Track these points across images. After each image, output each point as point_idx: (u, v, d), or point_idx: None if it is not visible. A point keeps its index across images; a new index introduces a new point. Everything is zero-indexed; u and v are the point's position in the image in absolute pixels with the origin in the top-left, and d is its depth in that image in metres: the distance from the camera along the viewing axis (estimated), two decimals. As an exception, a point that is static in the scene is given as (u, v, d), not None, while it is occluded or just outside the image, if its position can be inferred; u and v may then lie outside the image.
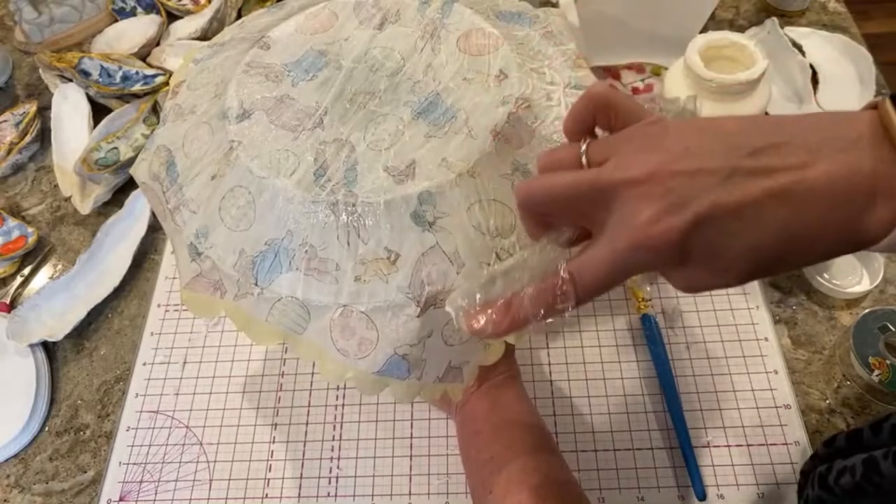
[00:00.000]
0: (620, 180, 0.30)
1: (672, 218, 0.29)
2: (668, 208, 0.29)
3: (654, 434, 0.60)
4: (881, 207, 0.28)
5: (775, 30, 0.83)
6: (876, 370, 0.57)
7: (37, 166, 0.86)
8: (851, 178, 0.28)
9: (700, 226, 0.29)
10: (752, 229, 0.29)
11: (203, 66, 0.53)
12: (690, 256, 0.30)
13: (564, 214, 0.33)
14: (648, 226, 0.29)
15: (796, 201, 0.29)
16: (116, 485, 0.61)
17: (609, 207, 0.31)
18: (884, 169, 0.28)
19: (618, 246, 0.30)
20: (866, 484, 0.40)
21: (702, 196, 0.29)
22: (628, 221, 0.30)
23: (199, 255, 0.45)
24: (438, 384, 0.46)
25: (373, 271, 0.42)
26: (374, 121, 0.46)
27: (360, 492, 0.59)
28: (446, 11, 0.52)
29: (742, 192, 0.29)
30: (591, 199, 0.31)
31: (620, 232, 0.30)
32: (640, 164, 0.30)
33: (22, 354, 0.68)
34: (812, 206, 0.29)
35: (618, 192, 0.30)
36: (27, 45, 0.98)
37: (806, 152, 0.29)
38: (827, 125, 0.30)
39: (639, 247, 0.30)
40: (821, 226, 0.29)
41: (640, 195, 0.30)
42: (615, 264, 0.31)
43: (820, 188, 0.28)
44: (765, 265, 0.30)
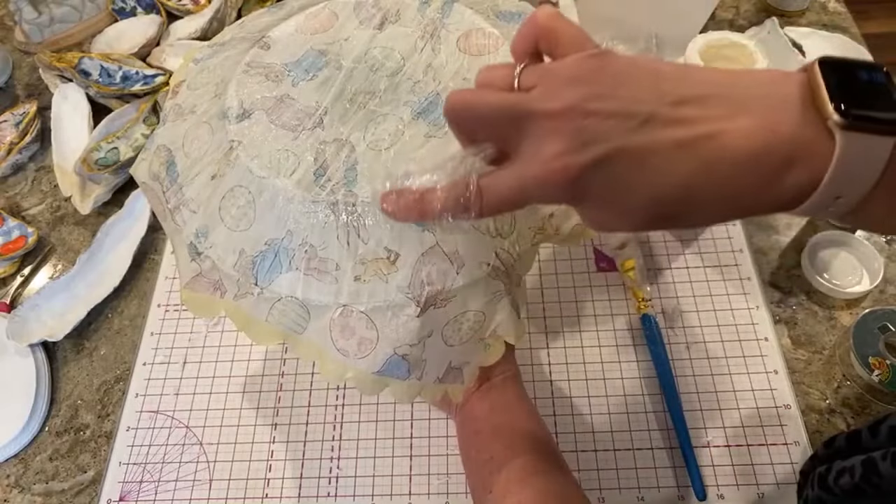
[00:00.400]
0: (537, 110, 0.31)
1: (574, 157, 0.29)
2: (573, 147, 0.29)
3: (654, 434, 0.60)
4: (798, 171, 0.28)
5: (775, 30, 0.83)
6: (876, 370, 0.57)
7: (37, 166, 0.86)
8: (769, 140, 0.28)
9: (600, 168, 0.29)
10: (654, 178, 0.29)
11: (203, 65, 0.53)
12: (588, 196, 0.31)
13: (485, 132, 0.34)
14: (551, 160, 0.30)
15: (705, 157, 0.28)
16: (116, 485, 0.61)
17: (524, 134, 0.31)
18: (805, 133, 0.28)
19: (522, 174, 0.31)
20: (865, 485, 0.40)
21: (610, 139, 0.29)
22: (535, 153, 0.31)
23: (198, 254, 0.45)
24: (439, 385, 0.46)
25: (373, 271, 0.42)
26: (374, 121, 0.46)
27: (360, 492, 0.59)
28: (446, 11, 0.52)
29: (651, 139, 0.29)
30: (510, 124, 0.32)
31: (528, 161, 0.31)
32: (560, 97, 0.30)
33: (22, 354, 0.68)
34: (722, 165, 0.28)
35: (533, 122, 0.31)
36: (27, 45, 0.98)
37: (730, 106, 0.29)
38: (759, 83, 0.30)
39: (539, 179, 0.31)
40: (729, 185, 0.29)
41: (552, 129, 0.30)
42: (517, 191, 0.32)
43: (733, 146, 0.28)
44: (664, 216, 0.31)
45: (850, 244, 0.67)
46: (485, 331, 0.45)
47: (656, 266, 0.69)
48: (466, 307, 0.43)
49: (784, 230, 0.71)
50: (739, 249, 0.69)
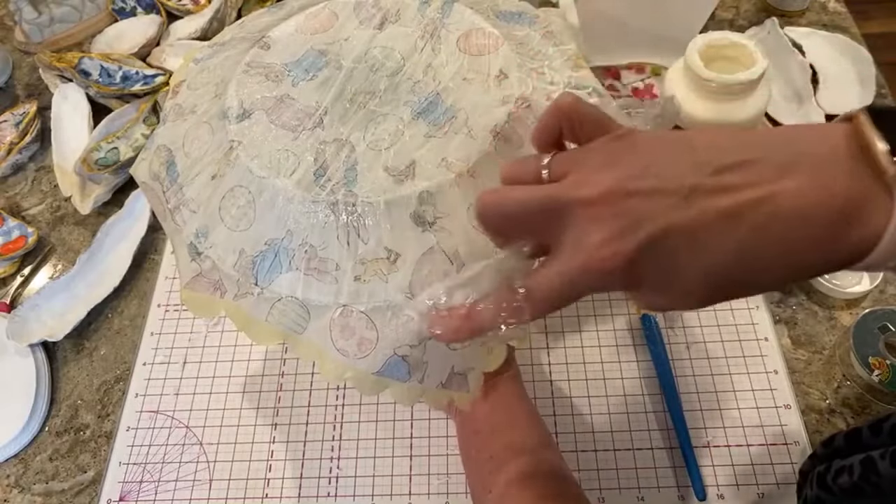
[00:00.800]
0: (575, 199, 0.29)
1: (621, 242, 0.28)
2: (619, 232, 0.28)
3: (654, 434, 0.60)
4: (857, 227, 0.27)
5: (775, 30, 0.83)
6: (876, 370, 0.57)
7: (37, 166, 0.86)
8: (822, 198, 0.27)
9: (651, 250, 0.28)
10: (706, 252, 0.28)
11: (203, 65, 0.53)
12: (643, 280, 0.29)
13: (521, 230, 0.33)
14: (597, 249, 0.29)
15: (756, 223, 0.27)
16: (116, 485, 0.61)
17: (563, 225, 0.30)
18: (860, 187, 0.27)
19: (568, 267, 0.30)
20: (864, 484, 0.40)
21: (655, 218, 0.28)
22: (579, 243, 0.29)
23: (198, 254, 0.45)
24: (443, 391, 0.46)
25: (372, 271, 0.42)
26: (374, 121, 0.46)
27: (360, 492, 0.59)
28: (446, 11, 0.52)
29: (697, 213, 0.28)
30: (547, 217, 0.30)
31: (572, 253, 0.30)
32: (596, 182, 0.29)
33: (22, 354, 0.68)
34: (774, 228, 0.27)
35: (572, 211, 0.29)
36: (27, 45, 0.98)
37: (774, 170, 0.28)
38: (800, 139, 0.29)
39: (588, 270, 0.29)
40: (785, 248, 0.28)
41: (592, 216, 0.29)
42: (565, 285, 0.30)
43: (784, 210, 0.27)
44: (725, 288, 0.29)
45: (850, 244, 0.67)
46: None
47: (656, 266, 0.69)
48: None
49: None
50: (739, 249, 0.69)
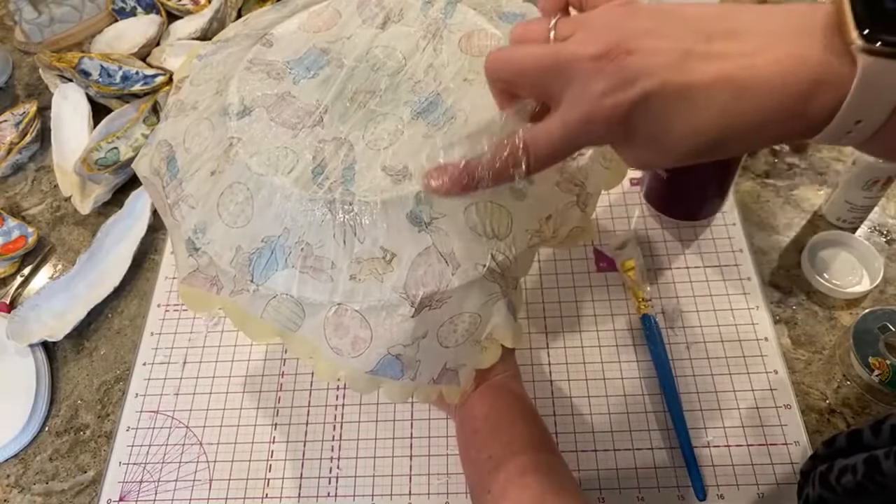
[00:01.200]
0: (579, 55, 0.32)
1: (622, 93, 0.30)
2: (619, 84, 0.30)
3: (654, 434, 0.60)
4: (823, 95, 0.29)
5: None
6: (876, 370, 0.57)
7: (37, 166, 0.86)
8: (799, 66, 0.29)
9: (647, 102, 0.30)
10: (697, 110, 0.30)
11: (206, 62, 0.53)
12: (636, 132, 0.32)
13: (527, 86, 0.35)
14: (599, 99, 0.31)
15: (742, 86, 0.30)
16: (116, 485, 0.61)
17: (566, 81, 0.32)
18: (831, 59, 0.29)
19: (570, 118, 0.32)
20: (868, 483, 0.40)
21: (653, 74, 0.30)
22: (581, 95, 0.31)
23: (196, 250, 0.45)
24: (433, 386, 0.46)
25: (368, 270, 0.42)
26: (374, 120, 0.46)
27: (360, 492, 0.59)
28: (449, 11, 0.52)
29: (692, 73, 0.30)
30: (551, 73, 0.33)
31: (574, 104, 0.32)
32: (599, 40, 0.31)
33: (22, 354, 0.68)
34: (757, 92, 0.30)
35: (575, 66, 0.32)
36: (27, 45, 0.98)
37: (759, 39, 0.30)
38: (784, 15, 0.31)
39: (589, 119, 0.31)
40: (764, 111, 0.30)
41: (595, 70, 0.31)
42: (567, 135, 0.33)
43: (766, 75, 0.30)
44: (705, 147, 0.32)
45: (850, 244, 0.68)
46: (480, 333, 0.45)
47: (656, 266, 0.69)
48: (462, 309, 0.43)
49: (784, 230, 0.71)
50: (739, 249, 0.69)
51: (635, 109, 0.31)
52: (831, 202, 0.69)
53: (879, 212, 0.70)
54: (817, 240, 0.68)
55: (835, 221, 0.70)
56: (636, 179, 0.74)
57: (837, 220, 0.69)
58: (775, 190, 0.73)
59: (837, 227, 0.69)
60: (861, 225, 0.69)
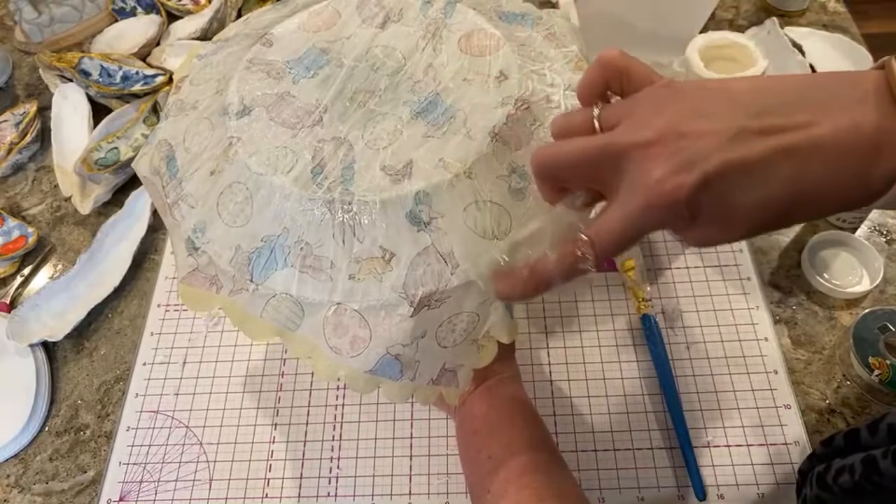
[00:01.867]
0: (631, 143, 0.31)
1: (681, 176, 0.30)
2: (678, 167, 0.30)
3: (654, 434, 0.60)
4: (885, 162, 0.29)
5: (775, 30, 0.83)
6: (876, 370, 0.57)
7: (37, 166, 0.86)
8: (856, 134, 0.29)
9: (709, 184, 0.30)
10: (759, 185, 0.30)
11: (206, 61, 0.53)
12: (700, 214, 0.31)
13: (578, 179, 0.34)
14: (659, 185, 0.30)
15: (803, 157, 0.30)
16: (116, 485, 0.61)
17: (621, 170, 0.32)
18: (887, 125, 0.29)
19: (631, 207, 0.31)
20: (866, 483, 0.40)
21: (711, 155, 0.30)
22: (639, 182, 0.31)
23: (196, 249, 0.45)
24: (433, 387, 0.46)
25: (367, 270, 0.42)
26: (373, 120, 0.46)
27: (360, 492, 0.59)
28: (449, 11, 0.52)
29: (749, 149, 0.30)
30: (604, 164, 0.32)
31: (632, 193, 0.31)
32: (649, 126, 0.31)
33: (22, 354, 0.68)
34: (818, 162, 0.30)
35: (629, 155, 0.31)
36: (27, 45, 0.98)
37: (812, 111, 0.30)
38: (833, 84, 0.31)
39: (650, 206, 0.31)
40: (826, 180, 0.30)
41: (651, 156, 0.31)
42: (629, 224, 0.32)
43: (826, 144, 0.29)
44: (771, 220, 0.32)
45: (850, 244, 0.68)
46: (478, 332, 0.45)
47: (656, 266, 0.69)
48: (460, 308, 0.43)
49: (784, 230, 0.71)
50: (739, 249, 0.69)
51: (697, 193, 0.30)
52: (831, 202, 0.69)
53: (879, 212, 0.70)
54: (817, 240, 0.68)
55: (835, 221, 0.70)
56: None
57: (837, 220, 0.69)
58: (775, 190, 0.73)
59: (837, 227, 0.69)
60: (861, 225, 0.69)
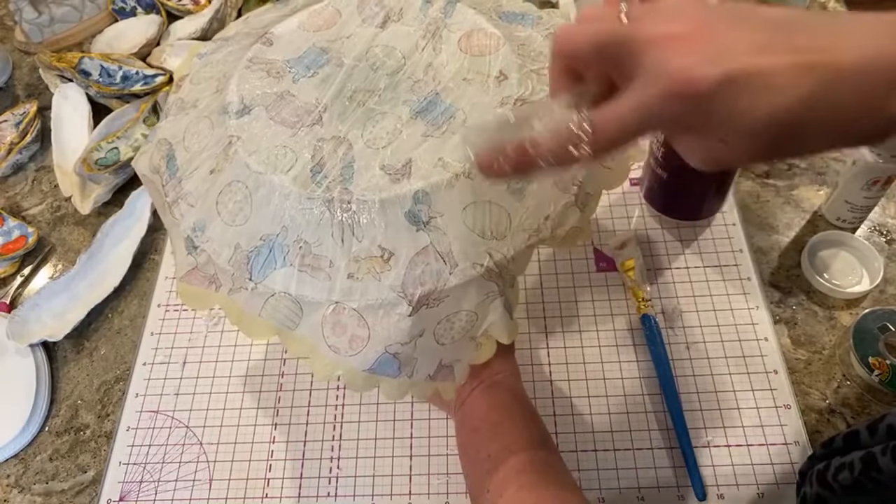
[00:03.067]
0: (658, 32, 0.31)
1: (706, 68, 0.29)
2: (703, 60, 0.30)
3: (654, 434, 0.60)
4: None
5: (775, 30, 0.83)
6: (876, 370, 0.57)
7: (37, 166, 0.86)
8: (879, 59, 0.29)
9: (731, 83, 0.29)
10: (777, 96, 0.30)
11: (207, 60, 0.53)
12: (713, 116, 0.30)
13: (597, 63, 0.33)
14: (681, 72, 0.30)
15: (824, 76, 0.29)
16: (116, 485, 0.61)
17: (643, 58, 0.31)
18: None
19: (647, 94, 0.31)
20: (865, 479, 0.40)
21: (736, 58, 0.30)
22: (661, 69, 0.30)
23: (195, 248, 0.46)
24: (429, 382, 0.46)
25: (366, 269, 0.42)
26: (373, 119, 0.46)
27: (360, 492, 0.59)
28: (449, 11, 0.52)
29: (775, 59, 0.29)
30: (628, 49, 0.31)
31: (650, 79, 0.31)
32: (678, 20, 0.31)
33: (22, 354, 0.68)
34: (838, 83, 0.29)
35: (654, 42, 0.31)
36: (27, 45, 0.98)
37: (838, 36, 0.30)
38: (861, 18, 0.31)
39: (669, 94, 0.30)
40: (844, 101, 0.30)
41: (676, 46, 0.30)
42: (640, 113, 0.31)
43: (848, 66, 0.29)
44: (783, 139, 0.31)
45: (850, 244, 0.68)
46: (476, 330, 0.45)
47: (656, 266, 0.69)
48: (459, 307, 0.43)
49: (784, 230, 0.71)
50: (739, 249, 0.69)
51: (717, 89, 0.29)
52: (831, 202, 0.69)
53: (879, 212, 0.70)
54: (817, 240, 0.68)
55: (835, 221, 0.70)
56: (636, 179, 0.74)
57: (837, 220, 0.69)
58: (775, 190, 0.73)
59: (837, 227, 0.69)
60: (861, 225, 0.69)
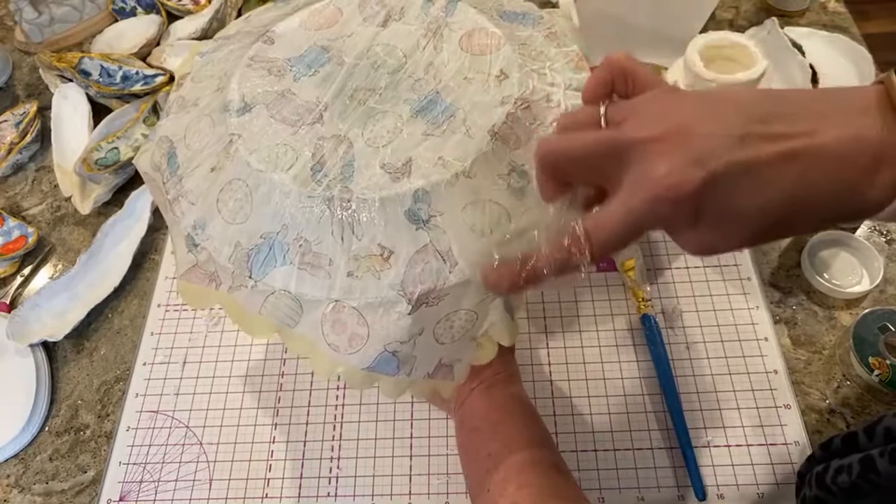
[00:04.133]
0: (640, 138, 0.31)
1: (690, 171, 0.30)
2: (686, 163, 0.30)
3: (654, 434, 0.60)
4: (886, 172, 0.29)
5: (775, 30, 0.83)
6: (876, 370, 0.57)
7: (37, 166, 0.86)
8: (858, 143, 0.29)
9: (715, 182, 0.30)
10: (763, 188, 0.30)
11: (208, 58, 0.53)
12: (703, 213, 0.31)
13: (582, 173, 0.34)
14: (666, 177, 0.30)
15: (806, 163, 0.30)
16: (116, 485, 0.61)
17: (628, 164, 0.31)
18: (889, 137, 0.29)
19: (635, 200, 0.31)
20: (863, 482, 0.40)
21: (719, 154, 0.30)
22: (647, 175, 0.31)
23: (195, 246, 0.46)
24: (428, 380, 0.46)
25: (365, 267, 0.42)
26: (374, 118, 0.46)
27: (360, 492, 0.59)
28: (450, 10, 0.52)
29: (756, 152, 0.30)
30: (611, 157, 0.32)
31: (638, 186, 0.31)
32: (658, 123, 0.31)
33: (22, 354, 0.68)
34: (820, 169, 0.30)
35: (637, 149, 0.31)
36: (27, 45, 0.98)
37: (814, 120, 0.30)
38: (835, 97, 0.31)
39: (656, 199, 0.31)
40: (828, 187, 0.30)
41: (659, 151, 0.31)
42: (631, 218, 0.32)
43: (828, 152, 0.30)
44: (771, 227, 0.31)
45: (850, 244, 0.67)
46: (477, 330, 0.45)
47: (656, 266, 0.69)
48: (458, 306, 0.43)
49: (784, 230, 0.71)
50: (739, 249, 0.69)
51: (703, 190, 0.30)
52: (831, 202, 0.69)
53: (879, 212, 0.70)
54: (817, 240, 0.68)
55: (835, 221, 0.70)
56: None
57: (837, 220, 0.69)
58: (775, 190, 0.73)
59: (837, 227, 0.69)
60: (861, 225, 0.69)
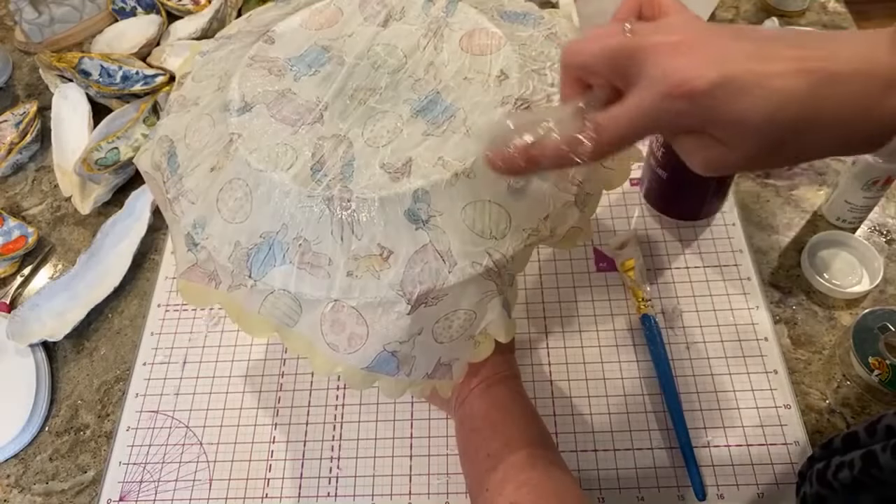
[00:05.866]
0: (660, 41, 0.32)
1: (703, 70, 0.31)
2: (701, 64, 0.31)
3: (654, 434, 0.60)
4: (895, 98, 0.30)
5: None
6: (876, 370, 0.57)
7: (37, 166, 0.86)
8: (871, 67, 0.30)
9: (726, 84, 0.31)
10: (773, 97, 0.31)
11: (209, 58, 0.54)
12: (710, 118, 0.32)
13: (603, 71, 0.35)
14: (679, 73, 0.31)
15: (818, 80, 0.30)
16: (116, 485, 0.61)
17: (645, 64, 0.32)
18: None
19: (647, 96, 0.32)
20: (865, 477, 0.40)
21: (735, 61, 0.31)
22: (661, 72, 0.32)
23: (195, 245, 0.46)
24: (427, 380, 0.46)
25: (365, 267, 0.42)
26: (374, 117, 0.46)
27: (360, 492, 0.59)
28: (451, 10, 0.52)
29: (771, 64, 0.31)
30: (631, 58, 0.33)
31: (652, 83, 0.32)
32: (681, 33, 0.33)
33: (22, 354, 0.68)
34: (831, 87, 0.30)
35: (656, 49, 0.32)
36: (27, 45, 0.98)
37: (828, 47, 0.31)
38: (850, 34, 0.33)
39: (668, 95, 0.31)
40: (838, 109, 0.31)
41: (676, 52, 0.32)
42: (641, 116, 0.33)
43: (842, 72, 0.30)
44: (777, 145, 0.32)
45: (850, 244, 0.68)
46: (475, 329, 0.45)
47: (656, 266, 0.69)
48: (457, 306, 0.43)
49: (784, 230, 0.71)
50: (739, 249, 0.69)
51: (714, 89, 0.31)
52: (831, 202, 0.69)
53: (879, 212, 0.70)
54: (817, 240, 0.68)
55: (835, 221, 0.70)
56: (636, 179, 0.74)
57: (837, 220, 0.69)
58: (775, 190, 0.73)
59: (837, 227, 0.69)
60: (861, 225, 0.69)
